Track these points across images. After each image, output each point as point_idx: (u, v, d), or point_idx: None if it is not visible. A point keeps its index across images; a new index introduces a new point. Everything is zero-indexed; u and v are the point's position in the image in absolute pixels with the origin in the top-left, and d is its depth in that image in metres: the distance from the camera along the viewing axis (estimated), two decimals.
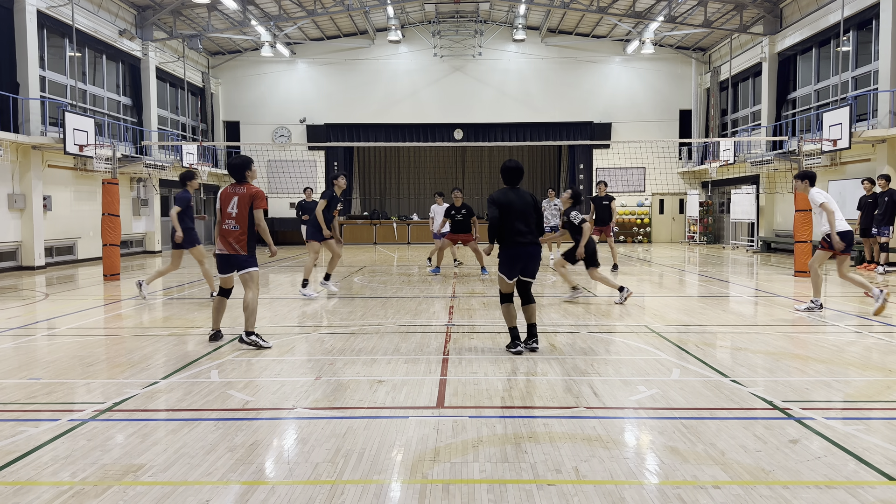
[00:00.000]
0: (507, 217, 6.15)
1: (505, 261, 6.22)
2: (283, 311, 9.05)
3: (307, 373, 5.64)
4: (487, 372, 5.59)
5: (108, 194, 13.76)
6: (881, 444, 3.85)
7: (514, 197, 6.23)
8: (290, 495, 3.25)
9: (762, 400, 4.74)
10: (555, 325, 7.84)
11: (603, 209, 14.03)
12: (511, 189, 6.32)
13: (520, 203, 6.21)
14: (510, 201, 6.18)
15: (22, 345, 7.05)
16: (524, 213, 6.20)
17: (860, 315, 8.47)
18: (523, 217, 6.19)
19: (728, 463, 3.59)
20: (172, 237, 9.80)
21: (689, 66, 27.27)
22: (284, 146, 25.77)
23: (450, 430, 4.15)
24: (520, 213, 6.18)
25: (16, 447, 3.92)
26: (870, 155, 16.35)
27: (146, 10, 21.58)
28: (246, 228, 6.57)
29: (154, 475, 3.49)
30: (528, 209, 6.23)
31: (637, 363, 5.94)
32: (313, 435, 4.09)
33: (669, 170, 26.85)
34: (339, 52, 27.55)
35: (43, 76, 17.07)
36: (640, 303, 9.70)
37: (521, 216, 6.19)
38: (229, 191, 6.72)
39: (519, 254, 6.17)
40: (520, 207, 6.19)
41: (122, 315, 9.06)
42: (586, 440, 3.95)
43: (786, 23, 21.03)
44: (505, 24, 27.33)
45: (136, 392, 5.07)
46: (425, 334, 7.29)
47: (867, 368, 5.65)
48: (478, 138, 27.10)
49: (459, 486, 3.34)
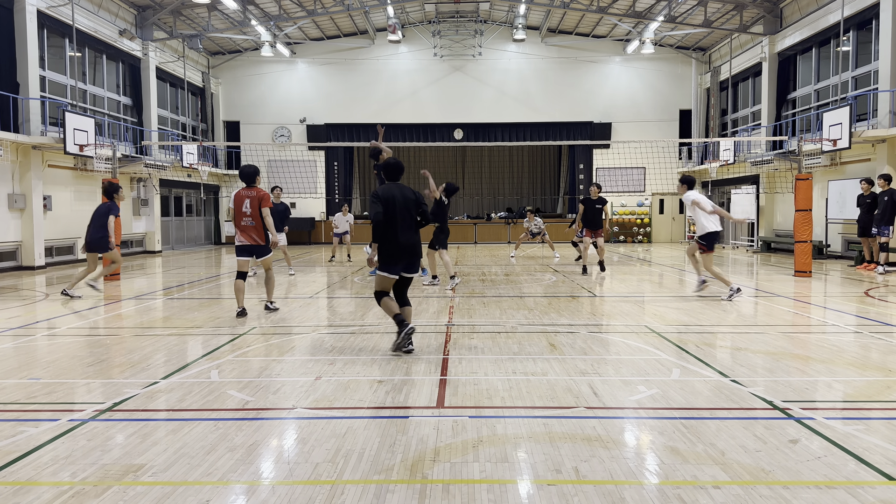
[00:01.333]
0: (391, 213, 6.16)
1: (387, 258, 6.23)
2: (282, 311, 9.05)
3: (307, 373, 5.64)
4: (487, 372, 5.59)
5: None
6: (881, 444, 3.85)
7: (396, 192, 6.26)
8: (290, 495, 3.25)
9: (762, 400, 4.74)
10: (554, 325, 7.84)
11: (595, 212, 13.63)
12: (394, 185, 6.37)
13: (402, 199, 6.24)
14: (393, 196, 6.21)
15: (22, 345, 7.05)
16: (406, 208, 6.23)
17: (860, 315, 8.47)
18: (406, 213, 6.22)
19: (728, 463, 3.59)
20: (105, 243, 10.65)
21: (689, 65, 27.28)
22: (284, 146, 25.77)
23: (450, 430, 4.15)
24: (402, 208, 6.21)
25: (16, 447, 3.92)
26: (870, 155, 16.35)
27: (146, 10, 21.58)
28: (259, 223, 8.26)
29: (154, 475, 3.49)
30: (409, 205, 6.27)
31: (637, 363, 5.94)
32: (313, 435, 4.09)
33: (669, 170, 26.85)
34: (339, 51, 27.55)
35: (43, 76, 17.07)
36: (639, 303, 9.70)
37: (404, 212, 6.21)
38: (242, 194, 8.29)
39: (402, 250, 6.21)
40: (402, 203, 6.22)
41: (122, 315, 9.06)
42: (586, 440, 3.95)
43: (786, 23, 21.03)
44: (505, 23, 27.34)
45: (136, 392, 5.07)
46: (425, 334, 7.29)
47: (867, 368, 5.65)
48: (478, 138, 27.10)
49: (459, 486, 3.34)
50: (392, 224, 6.18)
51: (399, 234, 6.19)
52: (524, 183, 31.09)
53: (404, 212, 6.24)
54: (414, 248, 6.32)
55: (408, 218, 6.27)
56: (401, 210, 6.22)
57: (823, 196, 18.03)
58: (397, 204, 6.20)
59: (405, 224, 6.24)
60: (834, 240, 18.06)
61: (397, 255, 6.23)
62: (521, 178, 31.16)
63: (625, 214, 27.21)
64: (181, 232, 25.17)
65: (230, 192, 27.62)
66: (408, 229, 6.26)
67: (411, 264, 6.35)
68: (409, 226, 6.27)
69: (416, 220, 6.34)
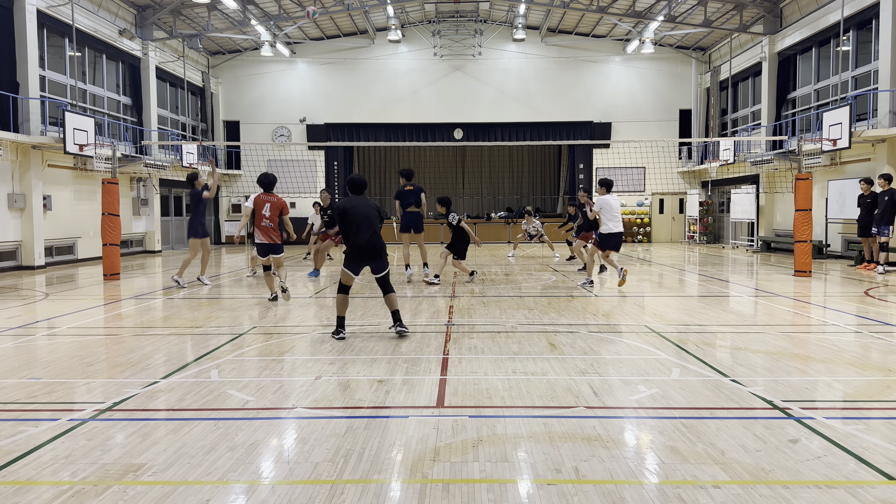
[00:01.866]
0: (352, 221, 6.99)
1: (350, 259, 7.08)
2: (282, 311, 9.06)
3: (307, 372, 5.64)
4: (487, 371, 5.59)
5: (107, 194, 13.76)
6: (881, 444, 3.85)
7: (357, 202, 7.10)
8: (290, 495, 3.25)
9: (762, 399, 4.74)
10: (554, 324, 7.84)
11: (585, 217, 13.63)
12: (355, 197, 7.22)
13: (362, 208, 7.07)
14: (353, 206, 7.05)
15: (22, 344, 7.05)
16: (367, 216, 7.04)
17: (860, 315, 8.48)
18: (366, 221, 7.03)
19: (728, 462, 3.59)
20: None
21: (689, 65, 27.27)
22: (284, 146, 25.76)
23: (450, 429, 4.15)
24: (362, 216, 7.02)
25: (16, 447, 3.92)
26: (870, 154, 16.35)
27: (146, 10, 21.57)
28: (277, 226, 9.50)
29: (154, 475, 3.50)
30: (370, 212, 7.10)
31: (637, 363, 5.94)
32: (313, 434, 4.09)
33: (669, 169, 26.85)
34: (339, 51, 27.54)
35: (43, 76, 17.06)
36: (639, 302, 9.70)
37: (364, 220, 7.02)
38: (263, 198, 9.37)
39: (362, 253, 7.04)
40: (362, 211, 7.05)
41: (122, 315, 9.07)
42: (586, 440, 3.95)
43: (786, 22, 21.03)
44: (505, 23, 27.33)
45: (136, 392, 5.07)
46: (425, 334, 7.30)
47: (867, 368, 5.66)
48: (478, 138, 27.09)
49: (459, 485, 3.34)
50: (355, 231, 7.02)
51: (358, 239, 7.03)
52: (524, 183, 31.10)
53: (364, 220, 7.05)
54: (372, 253, 7.11)
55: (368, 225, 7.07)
56: (361, 218, 7.05)
57: (823, 196, 18.03)
58: (357, 212, 7.06)
59: (364, 231, 7.03)
60: (834, 240, 18.06)
61: (358, 257, 7.11)
62: (521, 178, 31.16)
63: (625, 214, 27.19)
64: (181, 232, 25.15)
65: (230, 191, 27.66)
66: (367, 236, 7.05)
67: (374, 265, 7.15)
68: (368, 233, 7.06)
69: (376, 228, 7.15)
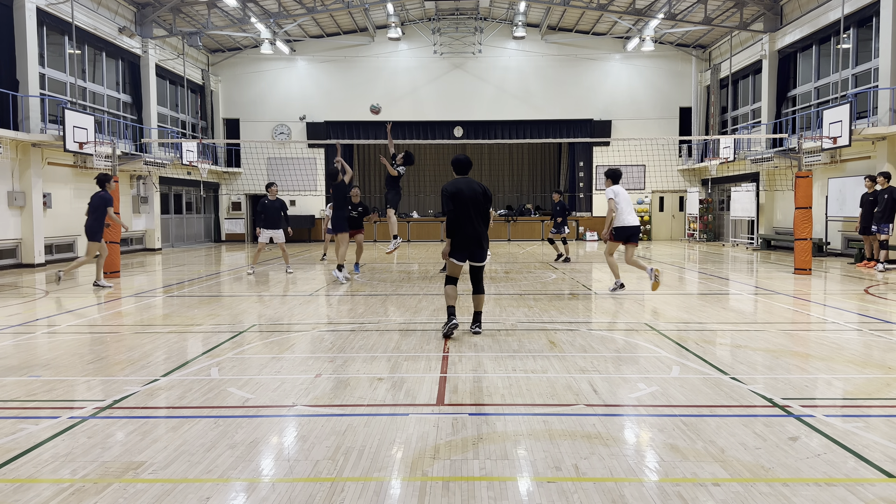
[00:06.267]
0: (463, 205, 6.70)
1: (456, 246, 6.80)
2: (281, 309, 9.06)
3: (307, 370, 5.64)
4: (487, 369, 5.59)
5: None
6: (881, 442, 3.85)
7: (463, 185, 6.78)
8: (291, 493, 3.25)
9: (762, 397, 4.74)
10: (554, 322, 7.84)
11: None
12: (462, 178, 6.88)
13: (469, 192, 6.73)
14: (461, 189, 6.72)
15: (22, 342, 7.05)
16: (474, 201, 6.74)
17: (860, 313, 8.48)
18: (473, 205, 6.74)
19: (728, 460, 3.59)
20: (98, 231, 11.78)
21: (690, 63, 27.25)
22: (284, 144, 25.75)
23: (450, 427, 4.15)
24: (470, 201, 6.72)
25: (16, 444, 3.92)
26: (870, 152, 16.35)
27: (146, 8, 21.55)
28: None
29: (154, 472, 3.50)
30: (477, 198, 6.76)
31: (637, 360, 5.94)
32: (313, 432, 4.09)
33: (669, 167, 26.85)
34: (339, 49, 27.52)
35: (43, 73, 17.05)
36: (640, 300, 9.70)
37: (473, 204, 6.73)
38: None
39: (469, 240, 6.78)
40: (469, 196, 6.72)
41: (122, 312, 9.07)
42: (586, 437, 3.95)
43: (786, 20, 21.01)
44: (505, 21, 27.30)
45: (136, 389, 5.08)
46: (425, 332, 7.30)
47: (867, 366, 5.66)
48: (478, 136, 27.08)
49: (459, 483, 3.34)
50: (462, 216, 6.73)
51: (465, 225, 6.75)
52: (524, 180, 31.10)
53: (473, 204, 6.74)
54: (478, 240, 6.84)
55: (476, 210, 6.77)
56: (469, 202, 6.73)
57: (823, 194, 18.02)
58: (465, 196, 6.71)
59: (472, 216, 6.75)
60: (834, 237, 18.06)
61: (464, 244, 6.80)
62: (521, 176, 31.16)
63: None
64: (181, 229, 25.17)
65: (230, 189, 27.66)
66: (475, 221, 6.78)
67: (475, 254, 6.89)
68: (476, 218, 6.78)
69: (483, 213, 6.84)
